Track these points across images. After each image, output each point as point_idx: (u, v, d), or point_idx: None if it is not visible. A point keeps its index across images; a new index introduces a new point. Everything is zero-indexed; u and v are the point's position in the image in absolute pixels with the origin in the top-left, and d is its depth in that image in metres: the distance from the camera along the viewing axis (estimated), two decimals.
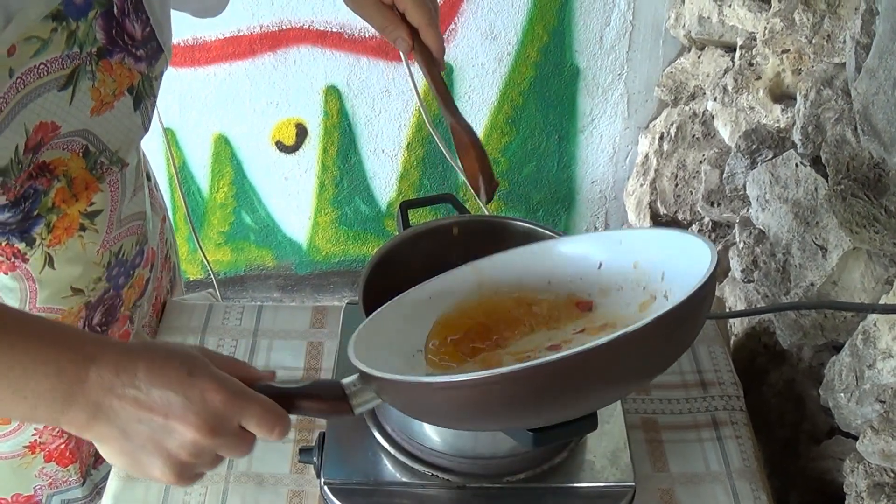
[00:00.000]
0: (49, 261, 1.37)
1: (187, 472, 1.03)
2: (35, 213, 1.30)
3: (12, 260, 1.34)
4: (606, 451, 1.49)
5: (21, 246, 1.33)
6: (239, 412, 1.02)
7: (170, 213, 3.17)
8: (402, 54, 1.58)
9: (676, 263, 1.23)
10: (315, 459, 1.47)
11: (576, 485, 1.45)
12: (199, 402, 0.99)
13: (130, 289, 1.59)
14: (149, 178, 1.69)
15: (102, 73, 1.29)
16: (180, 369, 1.00)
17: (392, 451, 1.47)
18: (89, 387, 0.97)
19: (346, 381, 1.12)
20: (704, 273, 1.04)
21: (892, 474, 1.44)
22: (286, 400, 1.08)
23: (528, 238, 1.45)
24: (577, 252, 1.39)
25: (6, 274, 1.35)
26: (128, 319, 1.62)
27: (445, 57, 2.48)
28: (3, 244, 1.32)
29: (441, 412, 1.12)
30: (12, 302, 1.39)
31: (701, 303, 1.05)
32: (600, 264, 1.35)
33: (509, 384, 0.98)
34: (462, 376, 0.98)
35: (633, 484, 1.45)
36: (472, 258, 1.40)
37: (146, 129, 1.46)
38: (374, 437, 1.49)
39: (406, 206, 1.62)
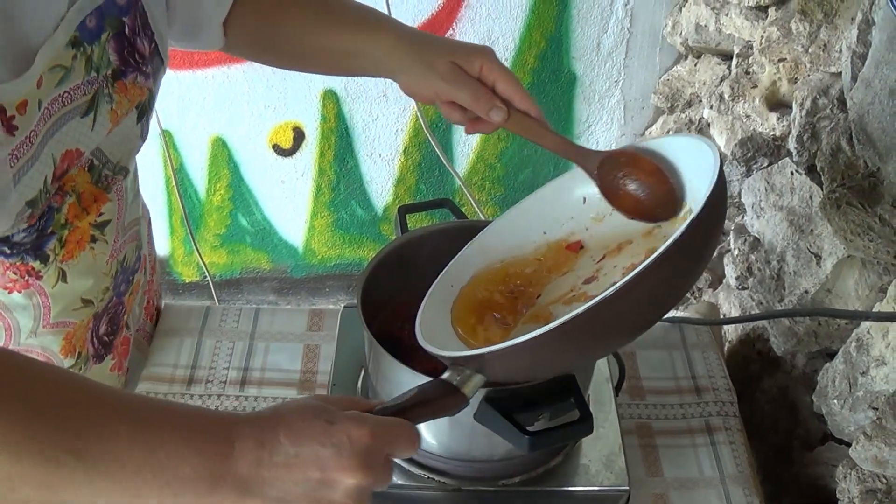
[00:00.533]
0: (62, 276, 1.37)
1: None
2: (49, 231, 1.30)
3: (26, 278, 1.33)
4: (601, 455, 1.49)
5: (35, 264, 1.32)
6: (385, 442, 1.03)
7: (166, 215, 3.19)
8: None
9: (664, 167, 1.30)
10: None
11: (570, 488, 1.46)
12: (349, 447, 1.00)
13: (130, 295, 1.59)
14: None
15: (119, 94, 1.29)
16: (319, 421, 1.01)
17: None
18: (235, 464, 0.97)
19: (444, 376, 1.15)
20: (712, 167, 1.11)
21: (884, 480, 1.45)
22: (405, 415, 1.09)
23: None
24: (560, 194, 1.44)
25: (20, 293, 1.35)
26: (125, 326, 1.62)
27: None
28: (17, 263, 1.31)
29: (542, 364, 1.18)
30: (26, 319, 1.38)
31: (723, 192, 1.12)
32: (584, 199, 1.42)
33: (598, 313, 1.04)
34: (560, 321, 1.04)
35: (627, 488, 1.46)
36: None
37: (144, 139, 1.45)
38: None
39: (404, 210, 1.63)
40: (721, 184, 1.11)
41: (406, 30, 1.48)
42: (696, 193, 1.18)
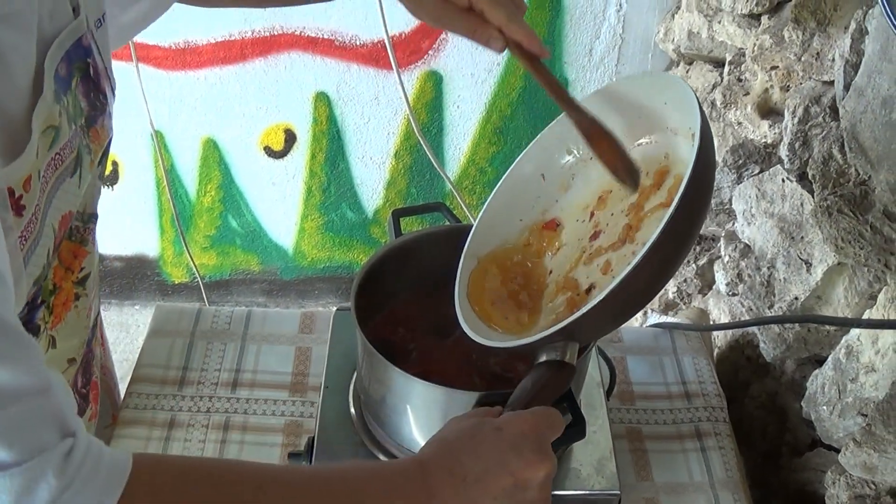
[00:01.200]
0: (52, 342, 1.31)
1: None
2: (39, 301, 1.23)
3: None
4: (592, 459, 1.50)
5: None
6: (546, 427, 1.07)
7: (156, 215, 3.19)
8: (393, 63, 1.54)
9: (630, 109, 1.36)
10: (304, 464, 1.48)
11: (561, 492, 1.46)
12: (525, 443, 1.03)
13: (95, 339, 1.52)
14: None
15: (93, 143, 1.23)
16: (487, 431, 1.05)
17: (380, 456, 1.48)
18: (438, 500, 1.00)
19: (543, 358, 1.19)
20: (693, 106, 1.15)
21: (873, 487, 1.46)
22: (535, 404, 1.13)
23: None
24: (519, 182, 1.48)
25: None
26: (94, 371, 1.55)
27: (436, 65, 2.47)
28: None
29: (618, 315, 1.21)
30: None
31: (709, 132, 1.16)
32: (543, 176, 1.47)
33: (642, 270, 1.08)
34: (631, 265, 1.08)
35: (618, 492, 1.47)
36: None
37: (103, 178, 1.37)
38: (363, 441, 1.50)
39: (398, 214, 1.63)
40: (703, 117, 1.14)
41: None
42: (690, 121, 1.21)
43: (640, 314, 2.68)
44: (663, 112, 1.30)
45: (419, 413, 1.39)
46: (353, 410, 1.56)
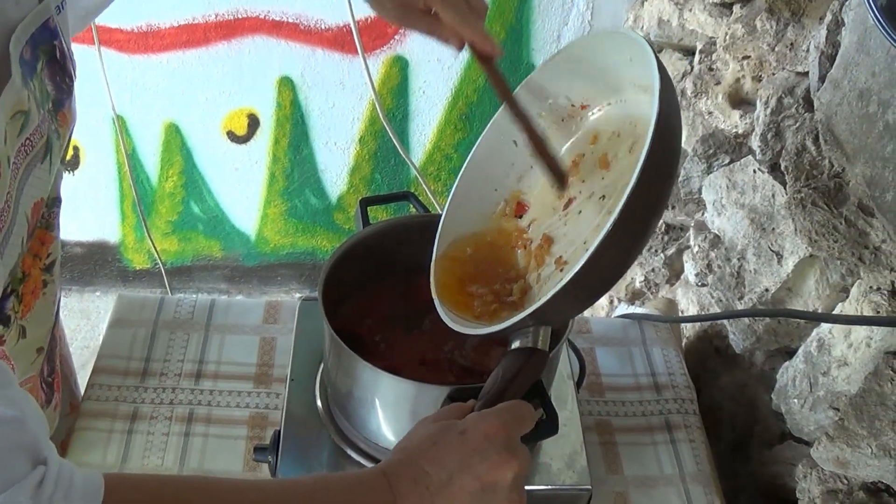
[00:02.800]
0: (22, 332, 1.30)
1: None
2: (8, 290, 1.22)
3: None
4: (563, 454, 1.49)
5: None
6: (515, 426, 1.06)
7: (118, 200, 3.15)
8: (358, 47, 1.53)
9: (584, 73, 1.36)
10: (270, 458, 1.46)
11: (532, 487, 1.45)
12: (490, 445, 1.02)
13: (57, 326, 1.51)
14: None
15: (62, 126, 1.21)
16: (451, 436, 1.03)
17: (348, 450, 1.46)
18: None
19: (515, 345, 1.18)
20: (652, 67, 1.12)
21: (845, 482, 1.45)
22: (507, 396, 1.12)
23: None
24: (492, 153, 1.47)
25: None
26: (56, 360, 1.55)
27: (402, 50, 2.45)
28: None
29: (591, 290, 1.19)
30: None
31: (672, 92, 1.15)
32: (515, 142, 1.45)
33: (613, 239, 1.06)
34: (581, 260, 1.07)
35: (589, 487, 1.46)
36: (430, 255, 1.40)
37: (64, 162, 1.34)
38: (330, 436, 1.49)
39: (366, 203, 1.60)
40: (664, 75, 1.12)
41: None
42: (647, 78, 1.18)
43: (606, 304, 2.68)
44: (628, 70, 1.29)
45: (387, 407, 1.37)
46: (319, 403, 1.54)
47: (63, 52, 1.19)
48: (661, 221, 2.34)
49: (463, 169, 1.46)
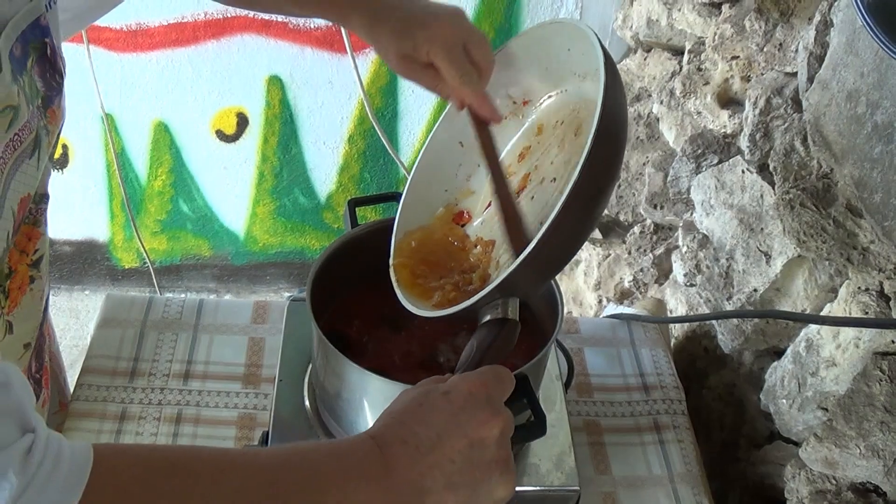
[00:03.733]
0: (9, 328, 1.29)
1: (514, 469, 1.04)
2: None
3: None
4: (552, 454, 1.49)
5: None
6: (496, 384, 1.06)
7: (107, 199, 3.14)
8: (347, 46, 1.53)
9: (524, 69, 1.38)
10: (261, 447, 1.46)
11: (520, 488, 1.45)
12: (475, 403, 1.02)
13: (45, 322, 1.49)
14: None
15: (51, 123, 1.21)
16: (435, 397, 1.03)
17: None
18: (397, 473, 0.97)
19: (486, 318, 1.19)
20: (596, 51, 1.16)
21: (834, 482, 1.45)
22: (484, 364, 1.13)
23: None
24: (446, 140, 1.47)
25: None
26: (45, 355, 1.53)
27: None
28: None
29: (556, 257, 1.19)
30: None
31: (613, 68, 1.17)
32: (461, 143, 1.46)
33: (568, 210, 1.08)
34: (543, 230, 1.09)
35: (577, 488, 1.46)
36: None
37: (52, 159, 1.34)
38: (318, 437, 1.48)
39: (354, 203, 1.60)
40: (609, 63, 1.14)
41: (367, 5, 1.40)
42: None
43: (595, 303, 2.67)
44: (568, 60, 1.30)
45: (376, 408, 1.37)
46: (307, 404, 1.53)
47: (53, 50, 1.18)
48: (650, 221, 2.34)
49: (413, 169, 1.47)
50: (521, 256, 1.11)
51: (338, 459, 0.99)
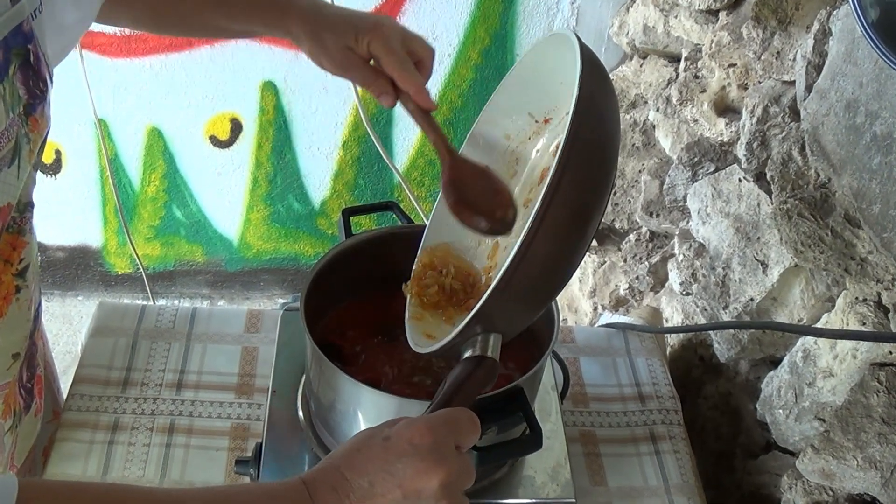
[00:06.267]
0: None
1: None
2: None
3: None
4: (547, 466, 1.48)
5: None
6: (447, 432, 1.02)
7: (100, 205, 3.13)
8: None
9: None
10: (252, 471, 1.44)
11: (516, 501, 1.44)
12: (415, 452, 0.99)
13: (37, 331, 1.48)
14: None
15: (33, 132, 1.18)
16: (375, 443, 1.01)
17: None
18: None
19: (465, 357, 1.15)
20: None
21: (831, 493, 1.44)
22: (453, 405, 1.09)
23: None
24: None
25: None
26: (38, 365, 1.52)
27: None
28: None
29: (535, 297, 1.18)
30: None
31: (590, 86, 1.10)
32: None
33: (537, 232, 1.05)
34: (509, 259, 1.05)
35: (573, 500, 1.45)
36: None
37: (37, 168, 1.31)
38: (312, 448, 1.47)
39: (349, 213, 1.59)
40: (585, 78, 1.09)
41: (305, 8, 1.45)
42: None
43: (590, 311, 2.67)
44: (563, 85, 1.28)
45: (370, 420, 1.36)
46: (301, 415, 1.52)
47: (38, 57, 1.16)
48: (646, 229, 2.33)
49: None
50: (491, 287, 1.08)
51: (268, 500, 0.98)
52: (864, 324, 1.40)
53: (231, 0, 1.48)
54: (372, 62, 1.42)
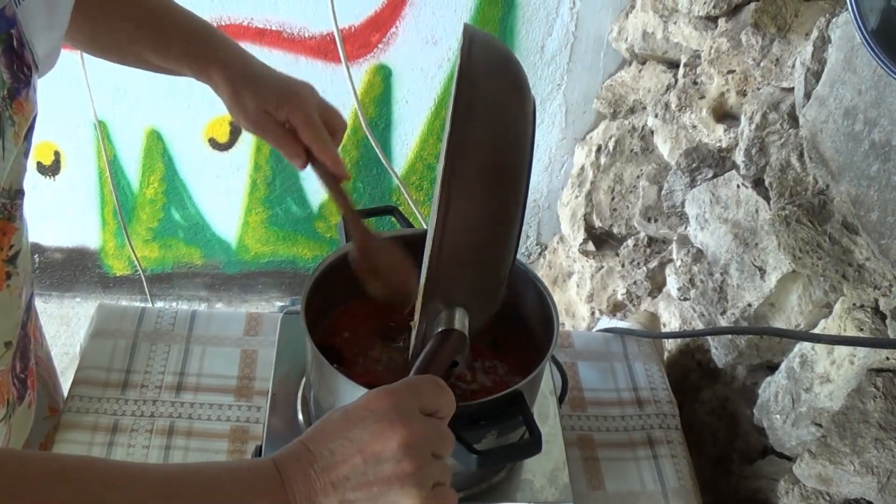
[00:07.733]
0: None
1: (426, 483, 1.00)
2: None
3: None
4: (545, 470, 1.48)
5: None
6: (409, 396, 1.02)
7: (98, 207, 3.13)
8: (341, 56, 1.55)
9: None
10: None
11: None
12: (371, 416, 0.99)
13: (30, 321, 1.48)
14: None
15: (18, 115, 1.18)
16: (336, 415, 1.02)
17: None
18: (292, 490, 0.97)
19: (438, 331, 1.16)
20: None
21: (828, 498, 1.45)
22: (429, 371, 1.12)
23: None
24: None
25: None
26: (31, 356, 1.52)
27: (385, 59, 2.48)
28: None
29: (477, 259, 1.16)
30: None
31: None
32: None
33: (456, 197, 1.08)
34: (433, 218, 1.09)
35: None
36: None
37: (28, 156, 1.31)
38: None
39: None
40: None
41: (231, 63, 1.51)
42: None
43: (588, 316, 2.67)
44: None
45: None
46: (301, 418, 1.53)
47: (21, 42, 1.17)
48: (644, 234, 2.34)
49: None
50: (426, 257, 1.12)
51: (235, 475, 0.99)
52: (861, 330, 1.40)
53: (164, 39, 1.51)
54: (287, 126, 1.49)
